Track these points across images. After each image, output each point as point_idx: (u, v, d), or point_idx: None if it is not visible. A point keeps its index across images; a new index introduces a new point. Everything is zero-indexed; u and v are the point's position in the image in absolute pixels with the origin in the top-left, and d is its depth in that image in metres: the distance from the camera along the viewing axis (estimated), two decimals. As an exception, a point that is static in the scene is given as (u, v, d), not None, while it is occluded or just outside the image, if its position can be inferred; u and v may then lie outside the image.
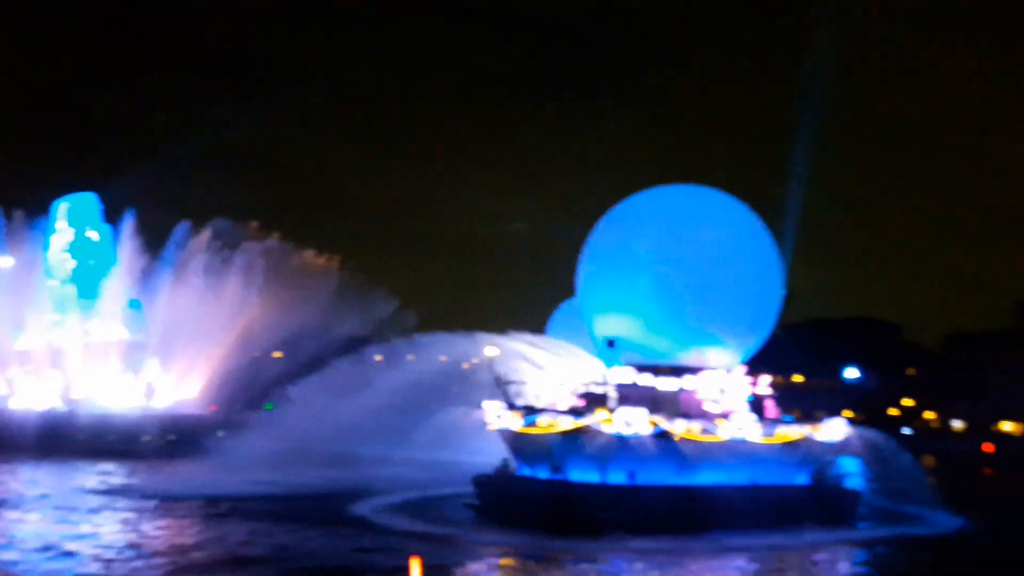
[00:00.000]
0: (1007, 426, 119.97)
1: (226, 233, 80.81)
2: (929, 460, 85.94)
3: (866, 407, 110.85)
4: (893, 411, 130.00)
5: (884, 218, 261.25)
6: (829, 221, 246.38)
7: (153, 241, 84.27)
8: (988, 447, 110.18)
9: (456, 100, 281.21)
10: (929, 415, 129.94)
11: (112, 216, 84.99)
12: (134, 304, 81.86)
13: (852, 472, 66.42)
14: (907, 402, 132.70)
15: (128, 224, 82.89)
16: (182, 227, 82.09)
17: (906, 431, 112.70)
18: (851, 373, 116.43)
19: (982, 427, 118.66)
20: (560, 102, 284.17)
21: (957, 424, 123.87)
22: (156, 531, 34.34)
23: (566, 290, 55.63)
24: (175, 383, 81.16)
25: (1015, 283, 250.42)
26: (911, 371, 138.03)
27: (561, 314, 65.01)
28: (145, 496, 43.36)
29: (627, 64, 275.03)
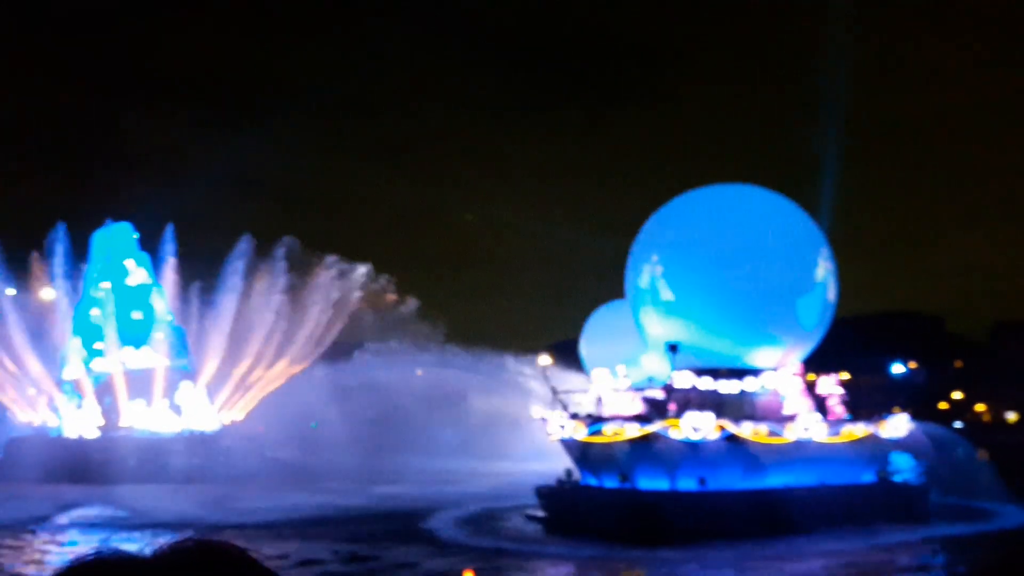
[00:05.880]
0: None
1: (294, 253, 79.99)
2: (983, 453, 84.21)
3: (915, 402, 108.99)
4: (943, 405, 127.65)
5: (914, 209, 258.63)
6: (859, 214, 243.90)
7: (188, 265, 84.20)
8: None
9: (469, 111, 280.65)
10: (980, 407, 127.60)
11: (146, 244, 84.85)
12: (177, 331, 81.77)
13: (911, 468, 65.16)
14: (956, 395, 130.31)
15: (167, 250, 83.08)
16: (244, 242, 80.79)
17: (958, 425, 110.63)
18: (898, 368, 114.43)
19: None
20: (567, 109, 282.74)
21: (1010, 416, 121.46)
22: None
23: (594, 297, 55.31)
24: (219, 406, 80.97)
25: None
26: (958, 363, 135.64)
27: (596, 320, 64.04)
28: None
29: (635, 67, 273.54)
